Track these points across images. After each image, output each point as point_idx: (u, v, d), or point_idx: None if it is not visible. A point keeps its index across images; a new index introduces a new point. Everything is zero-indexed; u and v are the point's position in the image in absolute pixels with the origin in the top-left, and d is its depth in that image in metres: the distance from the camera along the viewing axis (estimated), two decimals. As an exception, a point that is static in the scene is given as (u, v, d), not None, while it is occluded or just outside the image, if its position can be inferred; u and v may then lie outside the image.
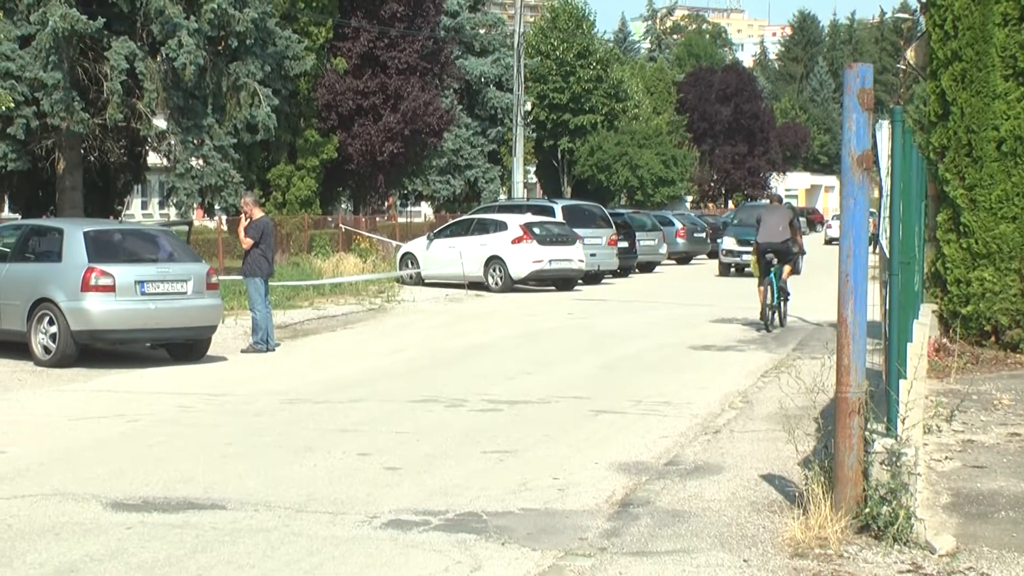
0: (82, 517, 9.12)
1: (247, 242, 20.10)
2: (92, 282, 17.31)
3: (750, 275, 29.54)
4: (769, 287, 22.83)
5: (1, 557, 8.10)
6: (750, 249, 27.40)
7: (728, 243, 42.20)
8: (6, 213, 44.33)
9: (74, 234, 18.07)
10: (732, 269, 41.87)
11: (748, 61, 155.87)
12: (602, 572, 7.88)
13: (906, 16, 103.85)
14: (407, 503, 9.59)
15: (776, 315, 23.08)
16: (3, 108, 25.42)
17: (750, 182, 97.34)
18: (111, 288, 17.39)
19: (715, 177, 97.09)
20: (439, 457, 11.41)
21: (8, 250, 18.92)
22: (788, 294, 23.54)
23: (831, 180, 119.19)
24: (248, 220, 20.43)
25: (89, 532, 8.71)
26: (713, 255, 53.55)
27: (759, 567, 7.95)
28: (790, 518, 8.78)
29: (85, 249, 17.71)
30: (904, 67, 21.30)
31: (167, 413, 13.87)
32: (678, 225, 49.60)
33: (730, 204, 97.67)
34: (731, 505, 9.57)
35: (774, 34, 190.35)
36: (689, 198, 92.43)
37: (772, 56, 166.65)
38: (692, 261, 50.81)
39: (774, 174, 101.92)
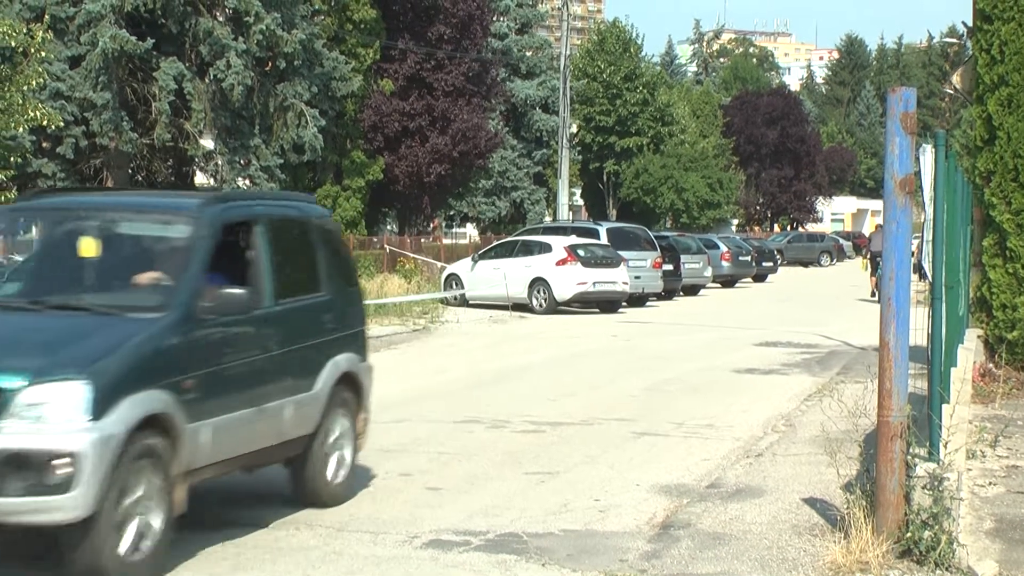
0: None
1: None
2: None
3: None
4: (879, 276, 30.81)
5: None
6: None
7: None
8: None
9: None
10: None
11: (795, 85, 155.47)
12: (641, 594, 7.88)
13: (953, 41, 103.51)
14: (448, 523, 9.61)
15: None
16: (53, 127, 25.64)
17: (796, 205, 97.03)
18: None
19: (761, 200, 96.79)
20: (480, 477, 11.43)
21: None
22: None
23: (877, 204, 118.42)
24: None
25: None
26: (759, 278, 53.50)
27: (799, 591, 7.94)
28: (831, 542, 8.74)
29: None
30: (951, 91, 21.14)
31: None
32: (723, 248, 49.43)
33: (775, 227, 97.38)
34: (772, 528, 9.54)
35: (821, 58, 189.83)
36: (735, 221, 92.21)
37: (819, 80, 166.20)
38: (737, 284, 50.63)
39: (820, 198, 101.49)
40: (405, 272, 38.64)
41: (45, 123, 24.05)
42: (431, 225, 60.65)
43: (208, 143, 34.70)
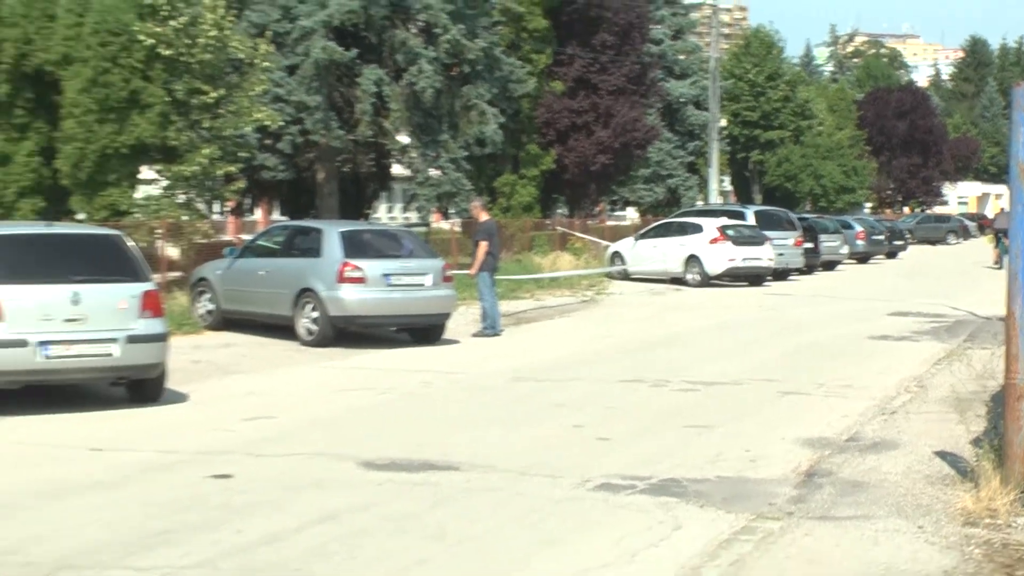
0: (340, 474, 9.39)
1: (482, 247, 20.46)
2: (346, 275, 17.78)
3: None
4: (1000, 249, 37.31)
5: (276, 504, 8.41)
6: None
7: None
8: (277, 215, 45.70)
9: (331, 234, 18.58)
10: None
11: (923, 82, 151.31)
12: (790, 533, 7.81)
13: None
14: (615, 469, 9.62)
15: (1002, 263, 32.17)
16: (274, 127, 26.31)
17: (924, 190, 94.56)
18: (362, 280, 17.84)
19: (892, 186, 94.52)
20: (643, 430, 11.43)
21: (278, 247, 19.66)
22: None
23: (1000, 188, 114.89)
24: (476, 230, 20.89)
25: (346, 486, 8.96)
26: (891, 255, 52.39)
27: (933, 533, 7.79)
28: (962, 491, 8.57)
29: (341, 246, 18.20)
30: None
31: (410, 387, 14.17)
32: (858, 228, 48.50)
33: (905, 210, 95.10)
34: (906, 478, 9.37)
35: (947, 57, 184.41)
36: (868, 204, 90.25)
37: (945, 77, 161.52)
38: (870, 261, 49.61)
39: (947, 183, 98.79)
40: (574, 250, 38.67)
41: (268, 123, 24.69)
42: (597, 208, 60.52)
43: (404, 138, 35.06)
